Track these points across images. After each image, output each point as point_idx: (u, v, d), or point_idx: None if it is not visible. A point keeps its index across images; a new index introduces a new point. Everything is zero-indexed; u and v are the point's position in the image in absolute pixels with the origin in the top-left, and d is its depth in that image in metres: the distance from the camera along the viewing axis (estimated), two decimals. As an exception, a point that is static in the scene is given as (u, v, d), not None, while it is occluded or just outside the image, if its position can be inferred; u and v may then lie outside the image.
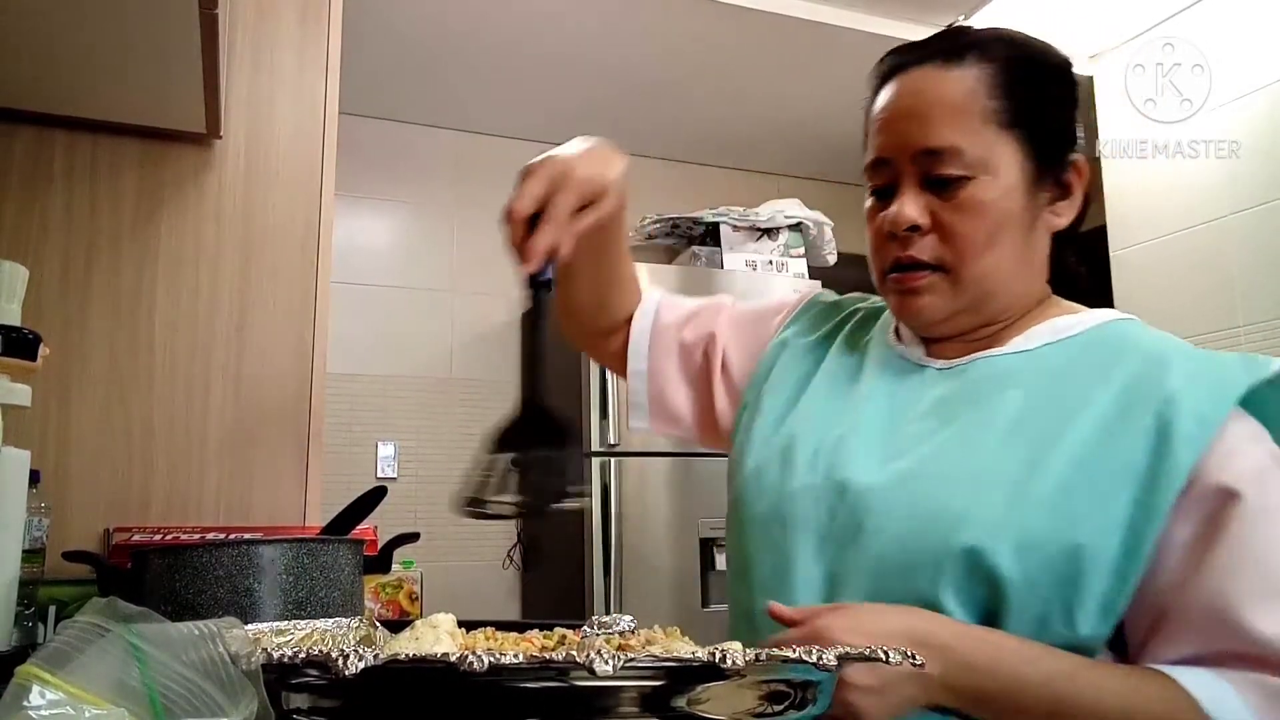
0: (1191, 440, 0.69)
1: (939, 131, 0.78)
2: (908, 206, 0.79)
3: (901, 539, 0.74)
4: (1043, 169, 0.81)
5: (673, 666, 0.49)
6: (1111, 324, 0.82)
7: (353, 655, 0.45)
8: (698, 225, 3.34)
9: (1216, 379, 0.71)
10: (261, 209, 1.56)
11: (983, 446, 0.75)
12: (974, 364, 0.82)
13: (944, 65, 0.81)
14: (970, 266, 0.79)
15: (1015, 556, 0.69)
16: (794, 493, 0.82)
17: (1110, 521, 0.69)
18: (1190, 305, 2.67)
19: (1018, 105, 0.79)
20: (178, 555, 0.95)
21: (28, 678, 0.44)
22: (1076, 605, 0.68)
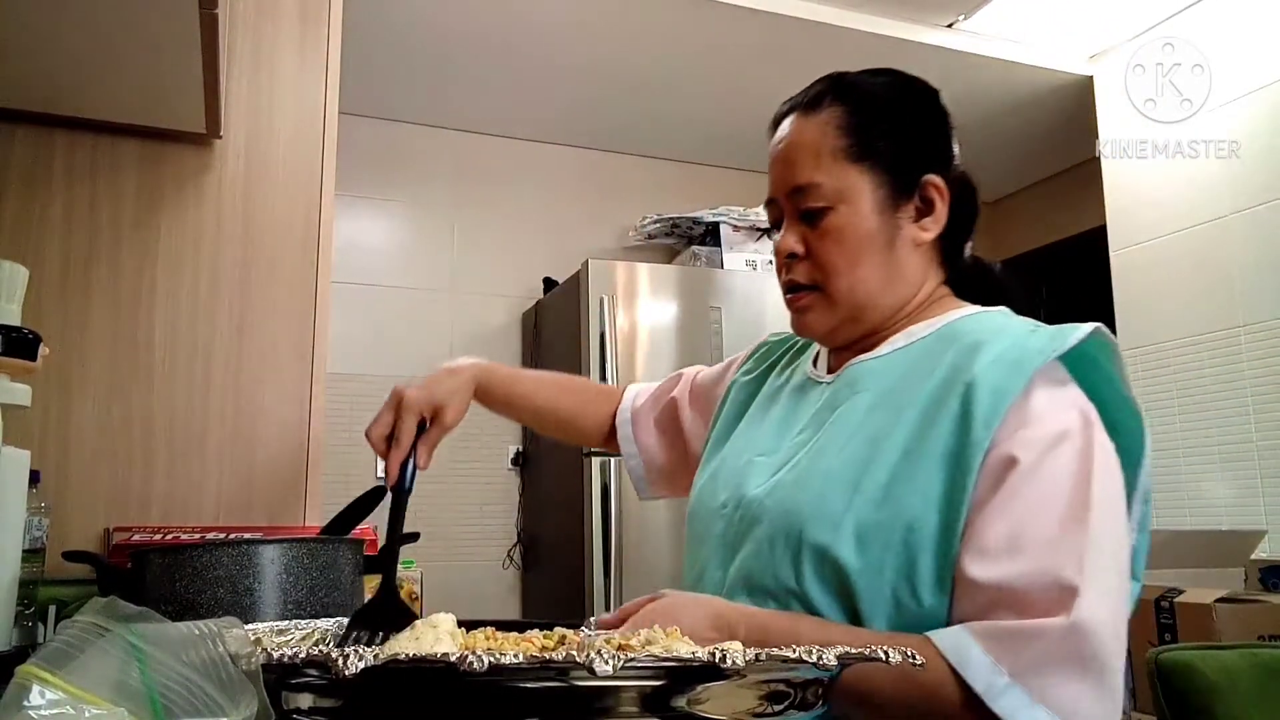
0: (986, 416, 0.76)
1: (800, 171, 0.91)
2: (786, 238, 0.93)
3: (770, 539, 0.84)
4: (899, 192, 0.91)
5: (673, 667, 0.50)
6: (956, 321, 0.89)
7: (353, 655, 0.45)
8: (698, 225, 3.34)
9: (1017, 357, 0.79)
10: (261, 209, 1.55)
11: (832, 449, 0.85)
12: (842, 373, 0.93)
13: (803, 114, 0.94)
14: (837, 284, 0.90)
15: (855, 546, 0.78)
16: (712, 512, 0.95)
17: (931, 503, 0.77)
18: (1190, 305, 2.67)
19: (865, 140, 0.90)
20: (178, 555, 0.95)
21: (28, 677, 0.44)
22: (916, 582, 0.76)
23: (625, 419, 1.23)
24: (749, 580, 0.85)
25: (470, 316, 3.37)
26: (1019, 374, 0.77)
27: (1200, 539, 2.17)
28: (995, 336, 0.82)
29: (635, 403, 1.23)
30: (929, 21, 2.81)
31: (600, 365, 2.75)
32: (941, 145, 0.94)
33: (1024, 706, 0.68)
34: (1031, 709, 0.68)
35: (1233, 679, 1.14)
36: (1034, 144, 3.55)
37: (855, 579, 0.78)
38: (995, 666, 0.69)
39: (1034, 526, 0.73)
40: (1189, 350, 2.67)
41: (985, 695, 0.69)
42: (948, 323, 0.89)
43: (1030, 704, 0.68)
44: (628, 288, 2.86)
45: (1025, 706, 0.68)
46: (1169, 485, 2.69)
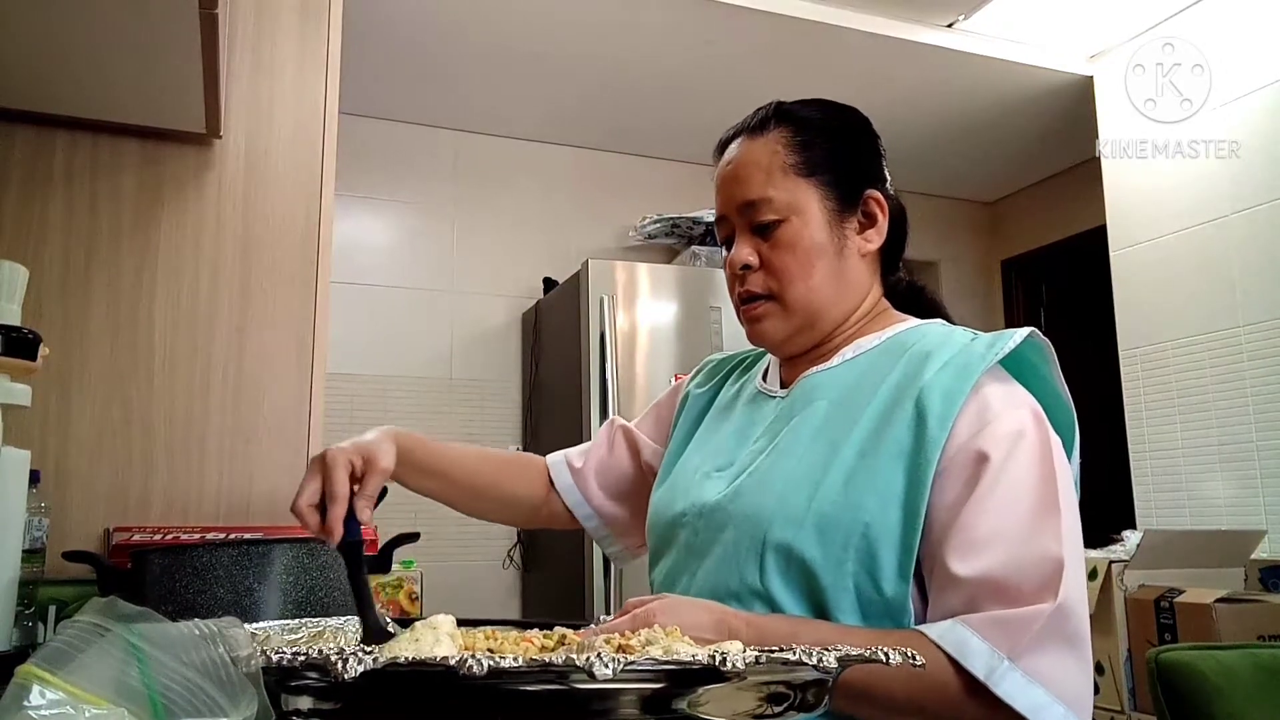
0: (940, 416, 0.82)
1: (752, 187, 0.96)
2: (740, 250, 0.97)
3: (735, 542, 0.88)
4: (844, 205, 0.97)
5: (672, 669, 0.49)
6: (902, 333, 0.96)
7: (352, 659, 0.45)
8: (698, 225, 3.34)
9: (964, 362, 0.85)
10: (261, 209, 1.55)
11: (792, 453, 0.90)
12: (797, 385, 0.98)
13: (750, 136, 0.99)
14: (792, 292, 0.95)
15: (817, 542, 0.83)
16: (670, 522, 0.99)
17: (889, 499, 0.82)
18: (1190, 305, 2.67)
19: (812, 157, 0.96)
20: (178, 555, 0.95)
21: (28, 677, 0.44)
22: (877, 573, 0.81)
23: (569, 483, 1.18)
24: (714, 584, 0.89)
25: (470, 316, 3.37)
26: (967, 377, 0.84)
27: (1200, 539, 2.17)
28: (941, 346, 0.89)
29: (573, 464, 1.19)
30: (929, 21, 2.81)
31: (600, 365, 2.76)
32: (877, 165, 1.01)
33: (1023, 686, 0.73)
34: (1030, 687, 0.73)
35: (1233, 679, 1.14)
36: (1034, 144, 3.55)
37: (819, 573, 0.82)
38: (994, 653, 0.74)
39: (1014, 518, 0.79)
40: (1189, 350, 2.67)
41: (988, 680, 0.73)
42: (894, 334, 0.96)
43: (1028, 683, 0.73)
44: (628, 288, 2.86)
45: (1024, 686, 0.73)
46: (1169, 485, 2.69)
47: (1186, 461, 2.65)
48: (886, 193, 1.00)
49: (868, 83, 2.99)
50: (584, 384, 2.80)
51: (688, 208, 3.41)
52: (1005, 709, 0.73)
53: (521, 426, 3.31)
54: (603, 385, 2.74)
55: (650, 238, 3.45)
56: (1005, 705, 0.73)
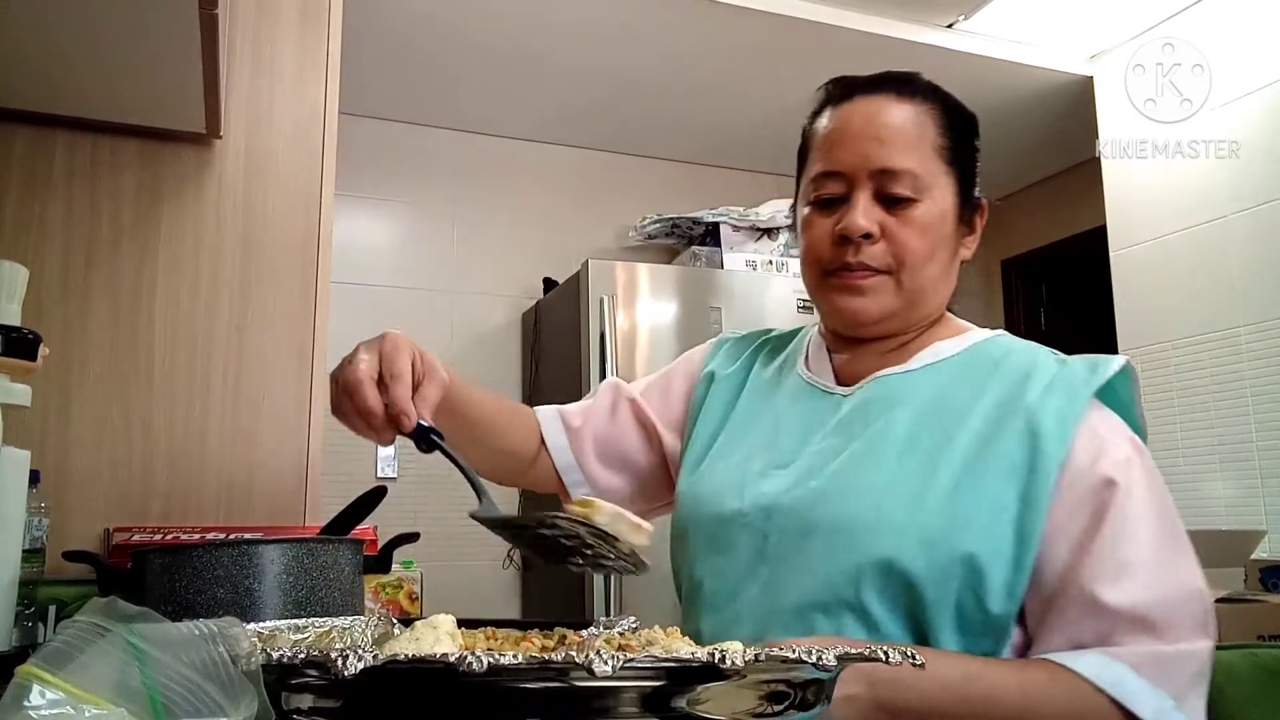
0: (1057, 435, 0.80)
1: (896, 154, 0.89)
2: (860, 218, 0.88)
3: (826, 553, 0.83)
4: (964, 205, 0.93)
5: (672, 667, 0.50)
6: (982, 344, 0.93)
7: (352, 656, 0.45)
8: (698, 225, 3.34)
9: (1069, 385, 0.83)
10: (261, 209, 1.55)
11: (880, 462, 0.85)
12: (868, 386, 0.92)
13: (899, 99, 0.91)
14: (912, 275, 0.90)
15: (922, 556, 0.79)
16: (728, 519, 0.91)
17: (1000, 516, 0.79)
18: (1190, 305, 2.67)
19: (955, 146, 0.92)
20: (178, 555, 0.95)
21: (28, 677, 0.44)
22: (984, 592, 0.78)
23: (561, 443, 1.08)
24: (797, 596, 0.84)
25: (470, 316, 3.37)
26: (1076, 399, 0.82)
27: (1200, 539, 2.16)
28: (1035, 365, 0.87)
29: (569, 422, 1.09)
30: (929, 21, 2.81)
31: (600, 365, 2.75)
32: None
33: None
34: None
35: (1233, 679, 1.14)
36: (1034, 144, 3.55)
37: (922, 588, 0.78)
38: (1156, 692, 0.72)
39: (1152, 548, 0.77)
40: (1189, 350, 2.67)
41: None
42: (974, 343, 0.93)
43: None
44: (628, 288, 2.86)
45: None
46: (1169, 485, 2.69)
47: (1186, 461, 2.65)
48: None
49: (868, 83, 2.98)
50: (584, 384, 2.80)
51: (688, 208, 3.41)
52: None
53: (521, 427, 3.31)
54: (603, 385, 2.74)
55: (650, 238, 3.45)
56: None
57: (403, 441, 0.87)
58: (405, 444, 0.86)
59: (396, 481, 3.10)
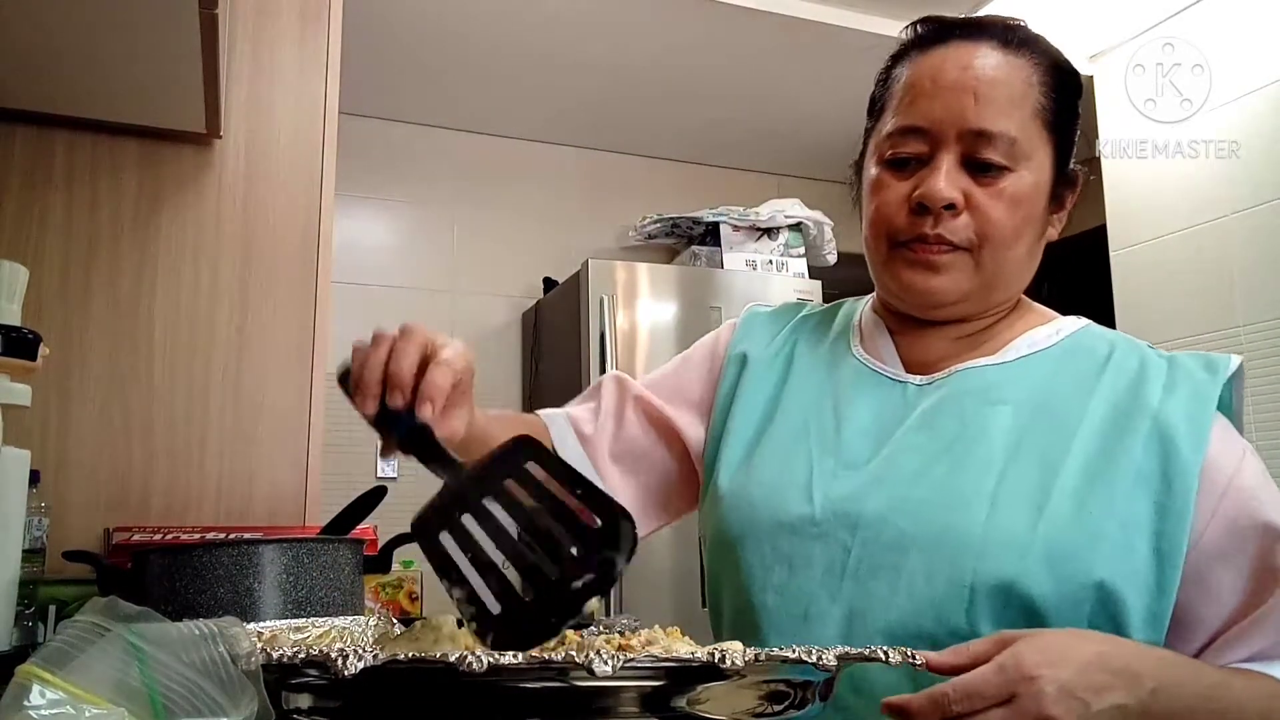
0: (1193, 440, 0.71)
1: (996, 114, 0.76)
2: (945, 185, 0.76)
3: (927, 571, 0.72)
4: (1059, 177, 0.81)
5: (672, 667, 0.50)
6: (1077, 335, 0.84)
7: (352, 655, 0.45)
8: (698, 225, 3.34)
9: (1192, 385, 0.75)
10: (261, 209, 1.55)
11: (989, 467, 0.74)
12: (953, 377, 0.81)
13: (1005, 49, 0.79)
14: (995, 254, 0.78)
15: (1049, 578, 0.69)
16: (795, 527, 0.79)
17: (1135, 529, 0.70)
18: (1190, 305, 2.67)
19: (1059, 109, 0.79)
20: (178, 555, 0.95)
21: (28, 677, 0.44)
22: (1123, 619, 0.69)
23: (578, 454, 0.95)
24: (892, 621, 0.73)
25: (470, 316, 3.37)
26: (1206, 404, 0.74)
27: (1200, 539, 2.17)
28: (1145, 361, 0.79)
29: (581, 430, 0.97)
30: (929, 21, 2.81)
31: (600, 365, 2.75)
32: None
33: None
34: None
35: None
36: (1034, 144, 3.55)
37: (1049, 615, 0.69)
38: None
39: None
40: (1189, 350, 2.67)
41: None
42: (1069, 334, 0.83)
43: None
44: (628, 288, 2.86)
45: None
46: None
47: (1186, 461, 2.65)
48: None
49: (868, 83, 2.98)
50: (584, 384, 2.79)
51: (688, 208, 3.41)
52: None
53: (521, 427, 3.31)
54: (603, 385, 2.74)
55: (650, 238, 3.45)
56: None
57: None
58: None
59: (396, 481, 3.10)
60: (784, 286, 3.04)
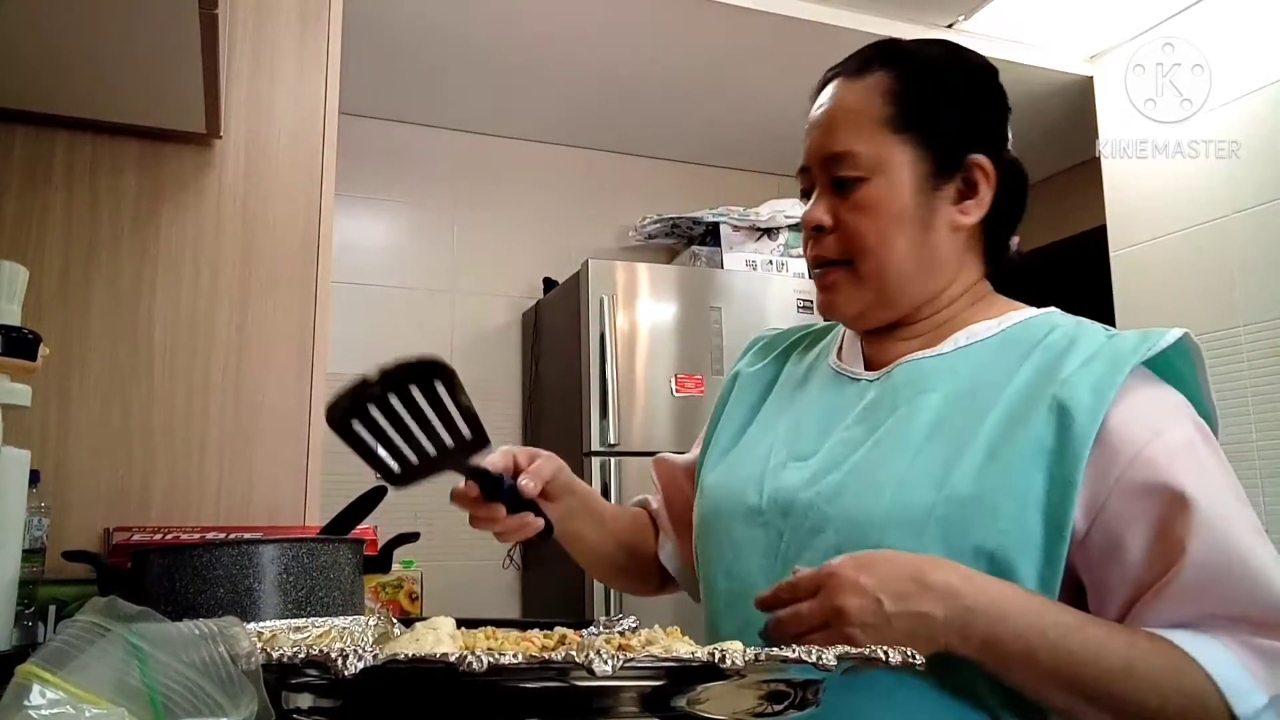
0: (1090, 410, 0.73)
1: (838, 137, 0.85)
2: (815, 208, 0.87)
3: (838, 549, 0.76)
4: (941, 169, 0.85)
5: (672, 667, 0.50)
6: (1024, 322, 0.85)
7: (352, 655, 0.45)
8: (698, 225, 3.34)
9: (1111, 356, 0.76)
10: (261, 209, 1.55)
11: (902, 450, 0.79)
12: (895, 371, 0.87)
13: (848, 79, 0.88)
14: (865, 261, 0.85)
15: (943, 552, 0.73)
16: (743, 517, 0.87)
17: (1028, 503, 0.73)
18: (1190, 305, 2.67)
19: (910, 110, 0.85)
20: (178, 555, 0.95)
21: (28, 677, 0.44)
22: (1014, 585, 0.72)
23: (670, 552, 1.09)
24: None
25: (470, 316, 3.37)
26: (1116, 372, 0.74)
27: (1200, 539, 2.17)
28: (1078, 339, 0.80)
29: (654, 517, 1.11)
30: (929, 21, 2.81)
31: (600, 365, 2.75)
32: (993, 126, 0.88)
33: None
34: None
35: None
36: (1034, 144, 3.54)
37: None
38: (1256, 687, 0.67)
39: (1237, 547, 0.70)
40: (1189, 350, 2.67)
41: (1240, 711, 0.67)
42: (1013, 323, 0.85)
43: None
44: (628, 288, 2.86)
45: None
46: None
47: (1186, 461, 2.64)
48: (1002, 159, 0.87)
49: (868, 83, 2.98)
50: (584, 384, 2.80)
51: (688, 208, 3.41)
52: None
53: (521, 426, 3.31)
54: (603, 385, 2.74)
55: (650, 238, 3.45)
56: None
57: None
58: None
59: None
60: (784, 287, 3.04)
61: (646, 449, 2.73)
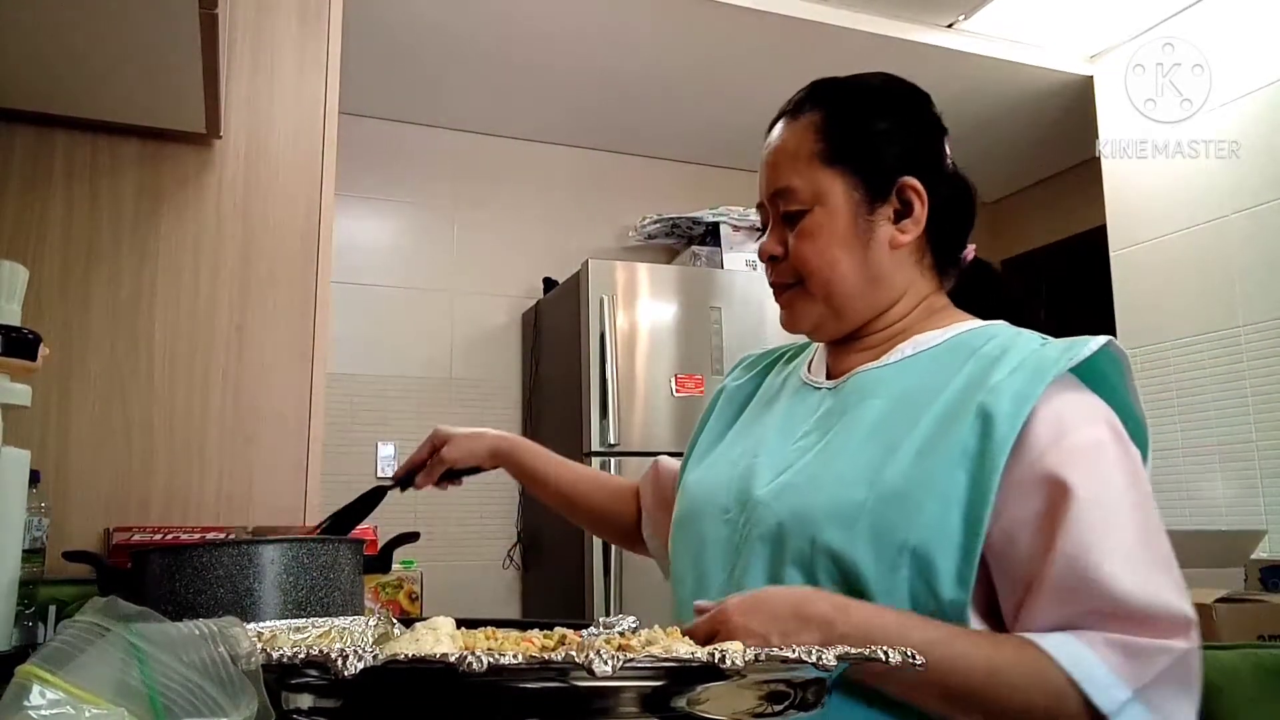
0: (1010, 417, 0.77)
1: (780, 175, 0.95)
2: (768, 240, 0.96)
3: (780, 541, 0.84)
4: (874, 193, 0.92)
5: (672, 667, 0.49)
6: (967, 332, 0.91)
7: (352, 656, 0.45)
8: (698, 225, 3.34)
9: (1036, 365, 0.80)
10: (261, 209, 1.55)
11: (844, 452, 0.86)
12: (848, 381, 0.94)
13: (788, 120, 0.98)
14: (814, 283, 0.93)
15: (871, 546, 0.79)
16: (711, 516, 0.95)
17: (950, 502, 0.77)
18: (1190, 305, 2.67)
19: (839, 144, 0.93)
20: (178, 555, 0.95)
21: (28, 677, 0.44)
22: (935, 581, 0.77)
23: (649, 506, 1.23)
24: (758, 584, 0.85)
25: (470, 316, 3.37)
26: (1038, 380, 0.78)
27: (1200, 539, 2.17)
28: (1011, 348, 0.84)
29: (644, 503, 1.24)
30: (929, 21, 2.81)
31: (600, 365, 2.76)
32: (925, 147, 0.95)
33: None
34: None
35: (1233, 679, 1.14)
36: (1034, 144, 3.55)
37: (868, 577, 0.78)
38: (1117, 678, 0.70)
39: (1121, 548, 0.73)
40: (1189, 350, 2.67)
41: (1104, 706, 0.69)
42: (957, 334, 0.91)
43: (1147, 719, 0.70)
44: (628, 288, 2.86)
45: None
46: (1169, 485, 2.69)
47: (1186, 461, 2.65)
48: (936, 179, 0.93)
49: (868, 83, 2.98)
50: (584, 384, 2.80)
51: (688, 208, 3.41)
52: None
53: (521, 426, 3.31)
54: (603, 385, 2.74)
55: (650, 238, 3.45)
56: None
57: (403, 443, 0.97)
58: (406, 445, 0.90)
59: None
60: (784, 286, 3.04)
61: (646, 449, 2.73)
